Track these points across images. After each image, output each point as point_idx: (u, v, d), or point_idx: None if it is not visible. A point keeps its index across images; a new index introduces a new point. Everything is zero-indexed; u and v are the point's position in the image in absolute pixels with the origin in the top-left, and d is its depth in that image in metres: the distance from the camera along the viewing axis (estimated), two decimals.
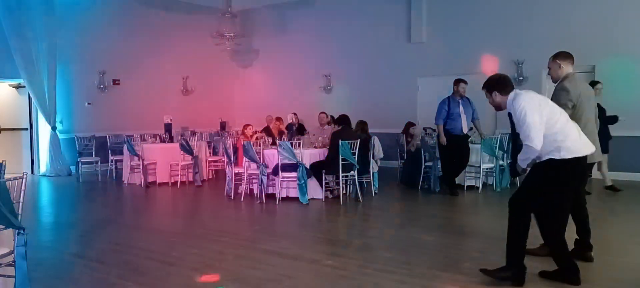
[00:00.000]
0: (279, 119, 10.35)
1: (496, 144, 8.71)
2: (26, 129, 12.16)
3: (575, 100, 4.42)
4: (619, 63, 9.90)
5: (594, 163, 4.54)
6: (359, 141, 7.86)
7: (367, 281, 4.23)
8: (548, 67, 4.69)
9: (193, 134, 11.92)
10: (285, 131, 10.59)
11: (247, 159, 8.16)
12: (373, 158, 8.48)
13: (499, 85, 4.02)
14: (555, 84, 4.63)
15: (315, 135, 9.18)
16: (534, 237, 5.34)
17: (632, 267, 4.58)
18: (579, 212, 4.50)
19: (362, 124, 8.87)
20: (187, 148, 10.01)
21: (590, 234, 4.61)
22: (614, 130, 9.62)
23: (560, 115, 3.89)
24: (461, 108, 8.34)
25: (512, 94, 3.95)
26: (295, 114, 11.16)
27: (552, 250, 4.08)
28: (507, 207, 4.05)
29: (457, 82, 8.48)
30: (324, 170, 7.89)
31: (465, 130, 8.39)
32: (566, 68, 4.50)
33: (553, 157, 3.84)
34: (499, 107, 4.07)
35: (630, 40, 9.84)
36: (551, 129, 3.80)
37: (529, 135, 3.77)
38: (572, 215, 4.41)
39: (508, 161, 8.92)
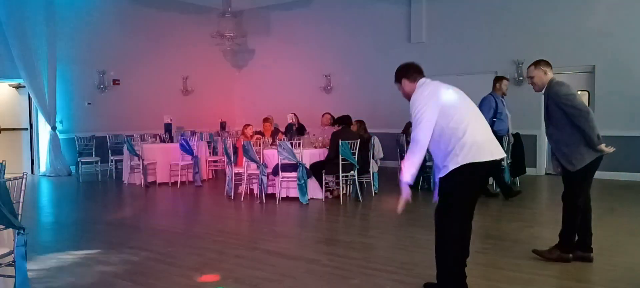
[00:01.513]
0: (266, 119, 10.09)
1: None
2: (26, 129, 12.17)
3: (581, 103, 4.34)
4: (619, 63, 9.90)
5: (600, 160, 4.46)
6: (359, 141, 7.86)
7: (367, 281, 4.23)
8: (529, 77, 4.60)
9: (193, 133, 11.92)
10: (281, 132, 10.55)
11: (247, 159, 8.16)
12: (373, 158, 8.48)
13: (407, 72, 3.74)
14: (543, 92, 4.54)
15: (315, 135, 9.18)
16: (539, 239, 5.35)
17: (632, 267, 4.58)
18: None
19: (361, 124, 8.87)
20: (187, 149, 10.01)
21: (591, 237, 4.60)
22: (613, 130, 9.63)
23: (464, 114, 3.48)
24: (506, 107, 7.91)
25: (419, 82, 3.64)
26: (295, 114, 11.14)
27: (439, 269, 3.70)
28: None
29: (500, 79, 7.94)
30: (324, 170, 7.90)
31: (511, 131, 8.06)
32: (550, 74, 4.51)
33: (453, 167, 3.44)
34: (408, 97, 3.72)
35: (630, 40, 9.85)
36: (448, 121, 3.43)
37: (416, 135, 3.44)
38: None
39: (508, 161, 8.91)
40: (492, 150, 3.53)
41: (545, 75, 4.49)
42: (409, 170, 3.48)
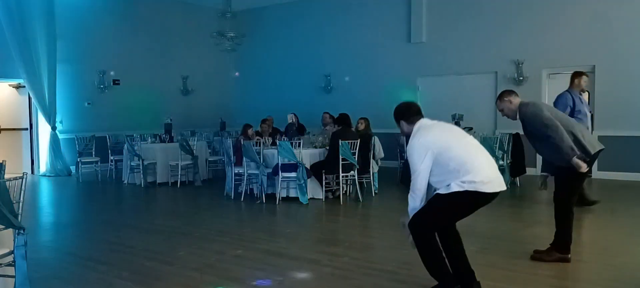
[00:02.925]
0: (264, 121, 10.10)
1: (496, 143, 8.71)
2: (26, 129, 12.16)
3: (551, 113, 4.45)
4: (619, 63, 9.90)
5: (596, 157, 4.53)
6: (359, 141, 7.85)
7: (367, 281, 4.23)
8: (500, 110, 4.66)
9: (193, 134, 11.91)
10: (281, 132, 10.53)
11: (247, 159, 8.16)
12: (373, 158, 8.48)
13: (405, 114, 3.82)
14: (517, 119, 4.60)
15: (315, 135, 9.18)
16: (537, 239, 5.35)
17: (631, 267, 4.58)
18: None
19: (367, 122, 8.90)
20: (187, 149, 10.01)
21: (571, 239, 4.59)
22: (613, 130, 9.63)
23: (464, 155, 3.54)
24: (585, 105, 7.21)
25: (416, 126, 3.70)
26: (294, 114, 11.13)
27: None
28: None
29: (579, 74, 7.20)
30: (324, 170, 7.89)
31: (590, 130, 7.38)
32: (515, 100, 4.57)
33: (456, 189, 3.49)
34: (407, 136, 3.84)
35: (630, 40, 9.84)
36: (447, 162, 3.51)
37: (414, 183, 3.58)
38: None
39: (508, 161, 8.92)
40: (495, 184, 3.57)
41: (511, 103, 4.57)
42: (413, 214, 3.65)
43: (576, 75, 7.24)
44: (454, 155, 3.52)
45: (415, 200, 3.61)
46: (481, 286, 3.76)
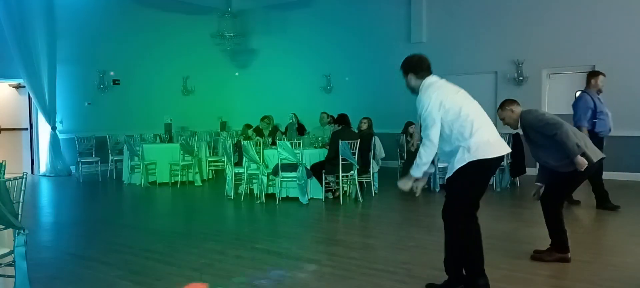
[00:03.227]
0: (264, 117, 10.09)
1: None
2: (26, 129, 12.16)
3: (552, 117, 4.54)
4: (619, 63, 9.90)
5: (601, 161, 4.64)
6: (359, 141, 7.85)
7: (367, 281, 4.23)
8: (501, 119, 4.71)
9: (193, 134, 11.92)
10: (282, 132, 10.54)
11: (247, 159, 8.16)
12: (373, 158, 8.47)
13: (416, 68, 3.76)
14: (519, 129, 4.67)
15: (314, 135, 9.19)
16: (539, 240, 5.36)
17: (632, 267, 4.58)
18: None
19: (368, 121, 8.89)
20: (187, 149, 10.02)
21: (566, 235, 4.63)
22: (613, 129, 9.63)
23: (470, 116, 3.57)
24: (604, 105, 7.06)
25: (427, 81, 3.69)
26: (294, 114, 11.15)
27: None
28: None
29: (595, 74, 7.06)
30: (324, 170, 7.90)
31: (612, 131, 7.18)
32: (517, 109, 4.62)
33: (459, 165, 3.55)
34: (412, 91, 3.81)
35: (630, 40, 9.84)
36: (453, 121, 3.54)
37: (429, 134, 3.55)
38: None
39: (508, 161, 8.91)
40: (498, 147, 3.63)
41: (513, 113, 4.62)
42: (420, 167, 3.64)
43: (592, 75, 7.07)
44: (463, 115, 3.55)
45: (429, 154, 3.58)
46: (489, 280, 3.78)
